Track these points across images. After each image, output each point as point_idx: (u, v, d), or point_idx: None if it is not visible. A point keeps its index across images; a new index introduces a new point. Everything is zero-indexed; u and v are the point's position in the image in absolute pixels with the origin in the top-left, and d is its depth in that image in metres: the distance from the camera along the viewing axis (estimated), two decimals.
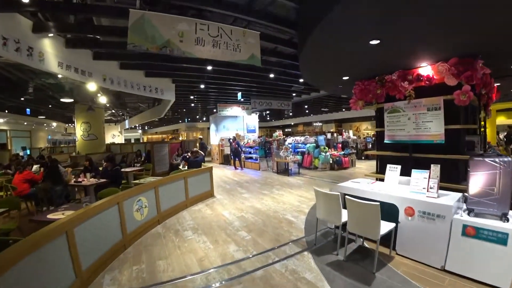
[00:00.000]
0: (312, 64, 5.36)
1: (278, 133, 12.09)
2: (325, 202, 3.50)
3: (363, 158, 14.76)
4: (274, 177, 9.90)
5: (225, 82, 9.67)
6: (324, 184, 8.22)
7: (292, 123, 32.34)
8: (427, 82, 4.41)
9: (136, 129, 35.79)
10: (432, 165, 3.26)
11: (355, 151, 12.61)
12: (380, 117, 5.44)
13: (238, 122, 17.30)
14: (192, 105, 14.78)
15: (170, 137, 35.87)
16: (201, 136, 24.70)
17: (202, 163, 7.98)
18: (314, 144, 11.57)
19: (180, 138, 29.56)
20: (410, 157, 4.74)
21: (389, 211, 3.30)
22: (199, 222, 4.98)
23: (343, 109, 19.33)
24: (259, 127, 33.11)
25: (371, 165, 12.53)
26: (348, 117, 21.10)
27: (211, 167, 7.16)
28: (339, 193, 3.37)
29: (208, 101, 13.92)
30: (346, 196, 3.22)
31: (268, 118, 29.08)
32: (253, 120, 17.82)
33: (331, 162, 11.18)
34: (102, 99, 10.58)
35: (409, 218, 3.16)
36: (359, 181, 4.24)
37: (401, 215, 3.24)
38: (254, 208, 5.79)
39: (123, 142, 23.44)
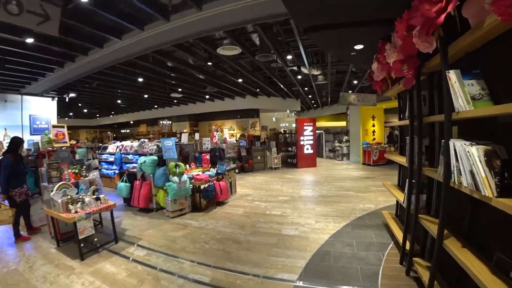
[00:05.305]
0: None
1: (53, 133, 4.80)
2: None
3: (237, 171, 10.09)
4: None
5: None
6: None
7: (132, 121, 23.98)
8: None
9: None
10: None
11: (234, 163, 7.49)
12: None
13: (11, 111, 9.33)
14: None
15: None
16: None
17: None
18: (155, 157, 5.46)
19: None
20: None
21: None
22: None
23: (207, 96, 13.97)
24: (81, 127, 22.98)
25: (257, 184, 7.89)
26: (208, 111, 16.12)
27: None
28: None
29: None
30: None
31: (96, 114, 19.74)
32: (47, 108, 9.83)
33: (191, 194, 5.47)
34: None
35: None
36: None
37: None
38: None
39: None
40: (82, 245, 3.70)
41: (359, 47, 3.55)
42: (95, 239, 4.01)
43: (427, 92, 2.84)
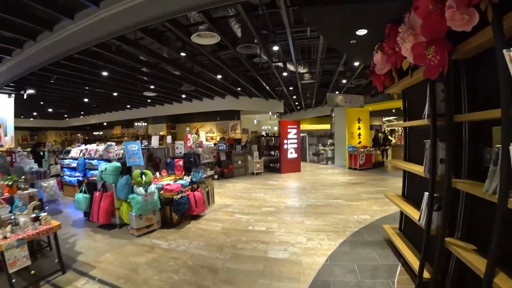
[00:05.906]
0: None
1: None
2: None
3: (216, 177, 9.35)
4: None
5: None
6: None
7: (105, 123, 22.30)
8: None
9: None
10: None
11: (212, 170, 6.75)
12: None
13: None
14: None
15: None
16: None
17: None
18: (118, 164, 4.64)
19: None
20: None
21: None
22: None
23: (183, 95, 13.04)
24: (49, 128, 21.46)
25: (238, 192, 7.20)
26: (185, 112, 15.17)
27: None
28: None
29: None
30: None
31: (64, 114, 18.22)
32: (3, 106, 8.66)
33: (159, 208, 4.69)
34: None
35: None
36: None
37: None
38: None
39: None
40: (14, 280, 2.87)
41: (362, 32, 3.00)
42: (32, 272, 3.16)
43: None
